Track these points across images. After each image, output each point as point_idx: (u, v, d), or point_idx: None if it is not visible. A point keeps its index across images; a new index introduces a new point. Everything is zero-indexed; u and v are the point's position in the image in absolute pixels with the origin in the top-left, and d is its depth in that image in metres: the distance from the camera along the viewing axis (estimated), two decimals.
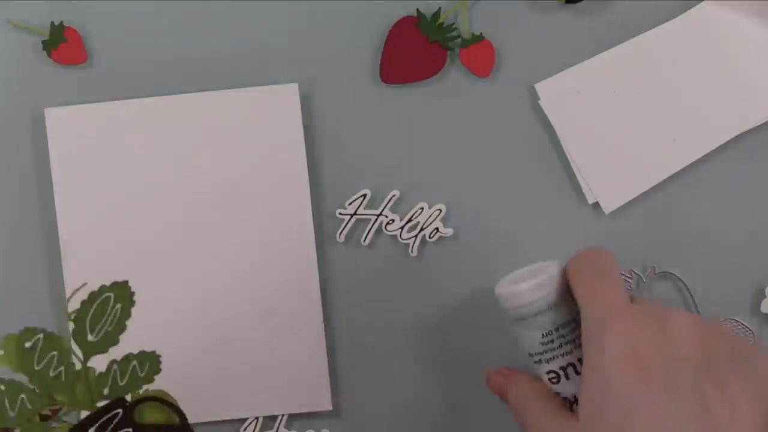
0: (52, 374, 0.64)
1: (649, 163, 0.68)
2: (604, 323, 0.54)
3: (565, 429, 0.56)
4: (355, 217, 0.67)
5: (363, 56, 0.68)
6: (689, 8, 0.68)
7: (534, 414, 0.58)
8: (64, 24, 0.66)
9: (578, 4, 0.67)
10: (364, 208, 0.67)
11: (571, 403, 0.58)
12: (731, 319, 0.68)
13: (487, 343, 0.69)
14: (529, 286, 0.58)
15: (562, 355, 0.58)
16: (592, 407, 0.54)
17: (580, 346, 0.57)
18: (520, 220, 0.68)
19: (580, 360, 0.57)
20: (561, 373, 0.58)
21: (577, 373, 0.58)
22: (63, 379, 0.65)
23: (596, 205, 0.68)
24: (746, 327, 0.68)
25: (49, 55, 0.66)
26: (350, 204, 0.67)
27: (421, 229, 0.68)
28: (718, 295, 0.69)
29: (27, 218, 0.67)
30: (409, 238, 0.68)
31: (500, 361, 0.69)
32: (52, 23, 0.66)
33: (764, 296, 0.68)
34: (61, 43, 0.66)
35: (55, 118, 0.66)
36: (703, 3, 0.67)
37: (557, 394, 0.58)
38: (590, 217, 0.69)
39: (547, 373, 0.59)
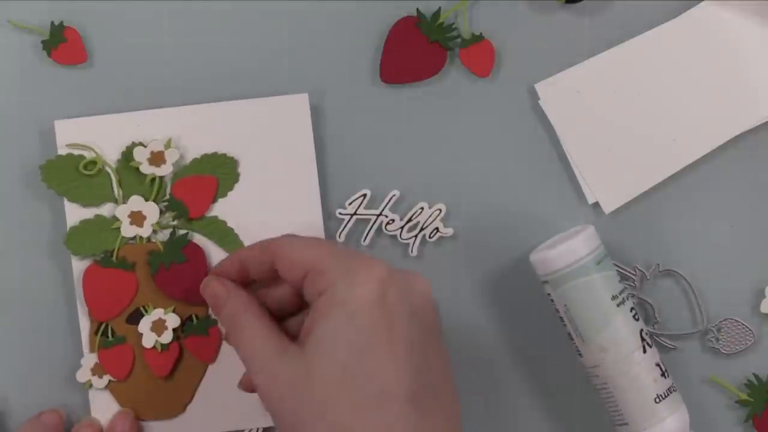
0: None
1: (649, 163, 0.68)
2: (359, 264, 0.56)
3: (283, 357, 0.56)
4: (355, 217, 0.67)
5: (363, 56, 0.68)
6: (689, 8, 0.67)
7: (248, 333, 0.58)
8: (64, 24, 0.66)
9: (578, 4, 0.67)
10: (364, 208, 0.67)
11: (643, 340, 0.64)
12: (731, 319, 0.68)
13: (487, 343, 0.69)
14: (592, 230, 0.65)
15: (631, 293, 0.66)
16: (326, 340, 0.55)
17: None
18: (519, 220, 0.68)
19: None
20: (636, 309, 0.65)
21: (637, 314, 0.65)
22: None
23: (596, 205, 0.68)
24: (746, 327, 0.68)
25: (49, 55, 0.66)
26: (350, 204, 0.67)
27: (421, 229, 0.68)
28: (718, 295, 0.69)
29: (32, 225, 0.67)
30: (409, 238, 0.68)
31: (500, 361, 0.69)
32: (52, 23, 0.66)
33: (764, 296, 0.68)
34: (61, 43, 0.66)
35: (66, 130, 0.66)
36: (703, 3, 0.67)
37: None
38: (590, 217, 0.69)
39: (631, 310, 0.65)
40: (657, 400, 0.64)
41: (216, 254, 0.66)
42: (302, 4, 0.67)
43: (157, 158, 0.65)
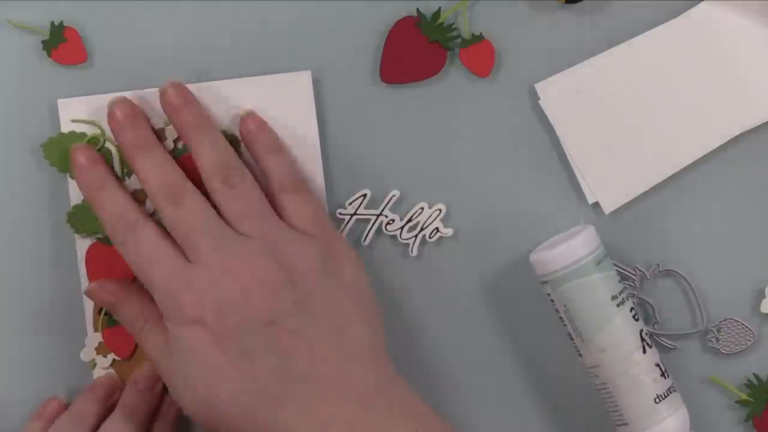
0: None
1: (649, 163, 0.68)
2: (170, 303, 0.58)
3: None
4: (355, 217, 0.67)
5: (363, 56, 0.68)
6: (689, 8, 0.67)
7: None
8: (64, 24, 0.66)
9: (578, 4, 0.67)
10: (364, 208, 0.67)
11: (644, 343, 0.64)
12: (731, 319, 0.68)
13: (486, 343, 0.69)
14: (592, 230, 0.65)
15: (631, 293, 0.67)
16: (181, 381, 0.58)
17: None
18: (519, 220, 0.68)
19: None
20: (636, 309, 0.65)
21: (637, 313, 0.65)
22: None
23: (596, 205, 0.68)
24: (746, 327, 0.68)
25: (49, 55, 0.66)
26: (350, 204, 0.67)
27: (421, 229, 0.68)
28: (718, 295, 0.69)
29: (36, 215, 0.67)
30: (409, 238, 0.68)
31: (499, 361, 0.69)
32: (52, 23, 0.66)
33: (764, 296, 0.68)
34: (61, 43, 0.66)
35: (68, 108, 0.66)
36: (703, 3, 0.67)
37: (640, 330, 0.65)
38: (590, 217, 0.69)
39: (630, 310, 0.65)
40: (657, 400, 0.64)
41: None
42: (302, 4, 0.67)
43: (157, 135, 0.65)
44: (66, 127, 0.66)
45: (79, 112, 0.66)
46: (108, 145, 0.66)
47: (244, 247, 0.59)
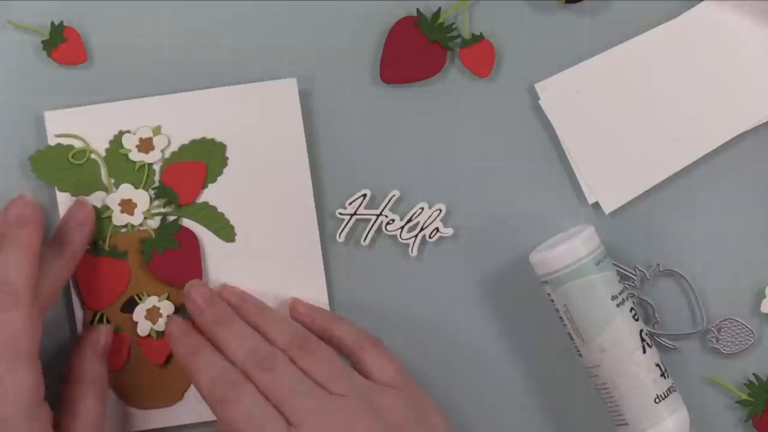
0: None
1: (649, 163, 0.68)
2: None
3: None
4: (355, 217, 0.67)
5: (363, 56, 0.68)
6: (689, 8, 0.68)
7: None
8: (64, 24, 0.66)
9: (578, 4, 0.67)
10: (364, 208, 0.67)
11: (643, 341, 0.64)
12: (731, 319, 0.68)
13: (486, 343, 0.69)
14: (592, 230, 0.65)
15: (631, 293, 0.67)
16: None
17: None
18: (520, 220, 0.68)
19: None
20: (636, 309, 0.65)
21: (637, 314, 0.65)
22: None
23: (596, 205, 0.68)
24: (746, 327, 0.68)
25: (49, 55, 0.66)
26: (350, 204, 0.67)
27: (421, 229, 0.68)
28: (718, 295, 0.69)
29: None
30: (409, 238, 0.68)
31: (499, 361, 0.69)
32: (52, 23, 0.66)
33: (764, 296, 0.68)
34: (61, 43, 0.66)
35: (55, 120, 0.66)
36: (703, 3, 0.67)
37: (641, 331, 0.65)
38: (590, 217, 0.69)
39: (630, 310, 0.64)
40: (657, 400, 0.64)
41: (208, 239, 0.66)
42: (302, 3, 0.67)
43: (145, 145, 0.66)
44: (52, 140, 0.66)
45: (66, 123, 0.66)
46: (94, 156, 0.66)
47: (342, 405, 0.59)
